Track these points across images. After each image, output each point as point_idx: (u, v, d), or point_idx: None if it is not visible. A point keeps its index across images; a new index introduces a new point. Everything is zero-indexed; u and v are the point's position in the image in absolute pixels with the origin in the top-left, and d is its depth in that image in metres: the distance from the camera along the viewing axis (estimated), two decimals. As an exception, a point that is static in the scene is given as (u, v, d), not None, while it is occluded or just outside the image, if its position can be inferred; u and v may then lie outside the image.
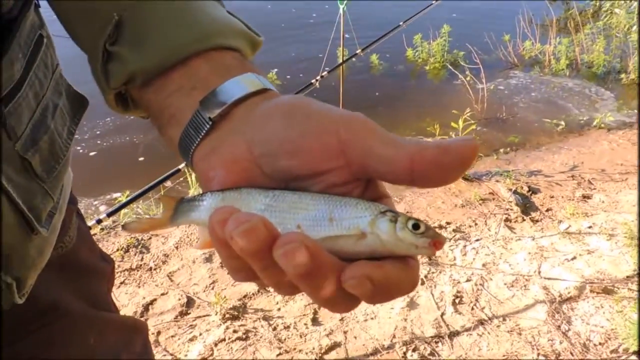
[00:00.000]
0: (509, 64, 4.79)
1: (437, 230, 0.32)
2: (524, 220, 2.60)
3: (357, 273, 0.29)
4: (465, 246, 2.38)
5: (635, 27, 4.92)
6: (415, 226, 0.30)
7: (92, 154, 3.36)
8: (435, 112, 3.81)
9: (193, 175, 2.62)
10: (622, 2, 5.58)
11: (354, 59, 2.19)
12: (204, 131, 0.37)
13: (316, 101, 0.36)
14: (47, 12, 0.52)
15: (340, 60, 1.96)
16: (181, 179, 2.70)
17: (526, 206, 2.74)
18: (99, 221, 1.49)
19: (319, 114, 0.35)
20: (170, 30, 0.40)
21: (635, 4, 5.32)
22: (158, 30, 0.40)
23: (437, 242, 0.30)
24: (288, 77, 4.42)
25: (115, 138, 3.52)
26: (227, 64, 0.40)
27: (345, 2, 1.79)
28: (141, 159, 3.30)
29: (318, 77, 1.86)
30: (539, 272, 2.18)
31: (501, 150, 3.45)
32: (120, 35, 0.41)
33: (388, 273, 0.30)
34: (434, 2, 2.26)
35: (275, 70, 4.36)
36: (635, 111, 3.97)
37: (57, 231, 0.60)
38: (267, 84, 0.39)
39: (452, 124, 2.98)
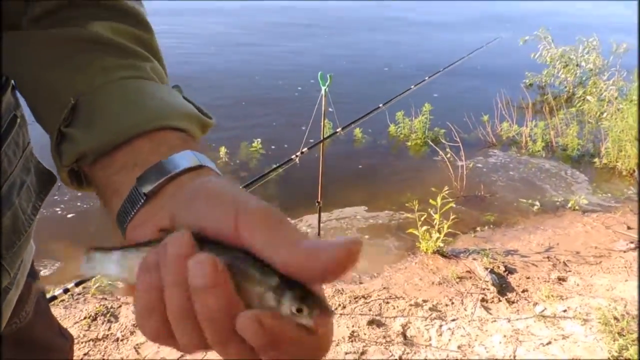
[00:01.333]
0: (487, 143, 4.96)
1: (325, 306, 0.31)
2: (500, 300, 2.59)
3: (249, 314, 0.30)
4: (441, 326, 2.35)
5: (605, 114, 5.17)
6: (299, 310, 0.30)
7: (69, 215, 3.33)
8: (415, 187, 3.88)
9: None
10: (594, 89, 5.90)
11: (336, 133, 2.26)
12: (139, 205, 0.39)
13: (232, 188, 0.36)
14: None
15: (322, 137, 2.02)
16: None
17: (502, 286, 2.75)
18: (66, 290, 1.46)
19: (229, 202, 0.34)
20: (119, 113, 0.42)
21: (606, 93, 5.63)
22: (108, 113, 0.43)
23: (319, 323, 0.30)
24: (272, 147, 4.50)
25: (95, 201, 3.50)
26: (170, 144, 0.42)
27: (327, 83, 1.87)
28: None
29: (298, 153, 1.90)
30: (514, 357, 2.14)
31: (478, 228, 3.50)
32: (75, 117, 0.44)
33: (284, 326, 0.30)
34: (412, 87, 2.38)
35: (260, 139, 4.45)
36: (609, 195, 4.09)
37: (12, 306, 0.60)
38: (203, 161, 0.41)
39: (431, 200, 3.04)
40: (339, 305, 2.48)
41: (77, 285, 1.55)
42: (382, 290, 2.66)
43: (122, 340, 2.16)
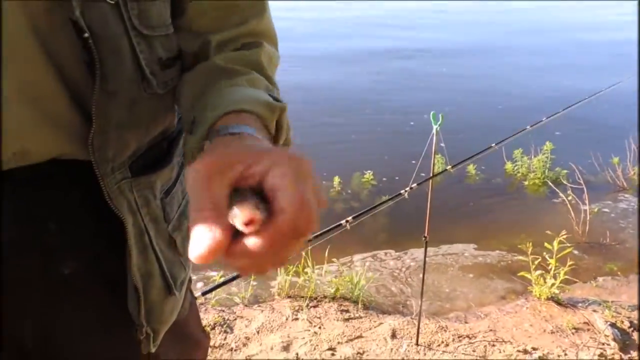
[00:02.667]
0: (617, 187, 4.59)
1: None
2: (621, 358, 2.39)
3: None
4: (551, 377, 2.23)
5: None
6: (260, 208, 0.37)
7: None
8: (530, 228, 3.72)
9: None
10: None
11: (446, 170, 2.29)
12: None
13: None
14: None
15: (431, 174, 2.08)
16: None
17: (625, 343, 2.52)
18: (194, 298, 1.67)
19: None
20: (217, 108, 0.54)
21: None
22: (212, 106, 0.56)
23: (252, 219, 0.36)
24: (384, 179, 4.60)
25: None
26: (234, 120, 0.51)
27: (439, 123, 1.93)
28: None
29: (407, 189, 1.98)
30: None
31: (600, 278, 3.25)
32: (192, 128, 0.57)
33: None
34: (528, 127, 2.34)
35: (371, 171, 4.57)
36: None
37: (183, 298, 0.76)
38: (246, 130, 0.49)
39: (546, 244, 2.90)
40: (442, 342, 2.46)
41: (203, 294, 1.75)
42: (488, 332, 2.59)
43: (235, 350, 2.35)
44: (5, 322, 0.60)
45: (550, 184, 4.49)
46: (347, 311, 2.72)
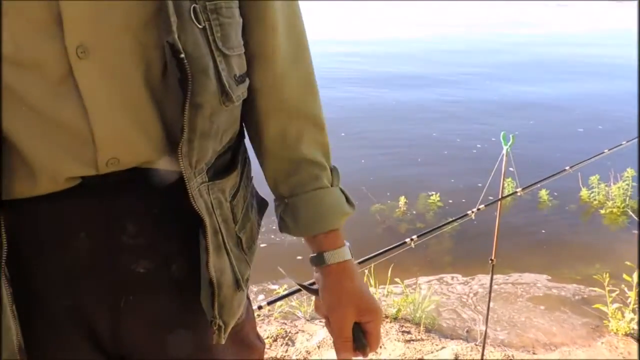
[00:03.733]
0: None
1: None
2: None
3: None
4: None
5: None
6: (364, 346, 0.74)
7: (262, 245, 3.80)
8: (607, 259, 3.51)
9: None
10: None
11: (516, 193, 2.24)
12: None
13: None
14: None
15: (500, 196, 2.04)
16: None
17: None
18: (260, 307, 1.72)
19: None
20: (308, 219, 0.78)
21: None
22: (304, 217, 0.79)
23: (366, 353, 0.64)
24: (450, 201, 4.52)
25: (284, 237, 3.93)
26: (329, 240, 0.79)
27: (510, 143, 1.90)
28: (299, 257, 3.62)
29: (475, 209, 1.95)
30: None
31: (688, 316, 3.00)
32: (285, 212, 0.81)
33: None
34: (606, 151, 2.24)
35: (438, 193, 4.51)
36: None
37: (246, 295, 0.82)
38: (344, 257, 0.79)
39: (625, 276, 2.74)
40: (507, 371, 2.37)
41: (268, 304, 1.81)
42: (558, 365, 2.47)
43: (296, 363, 2.39)
44: (82, 316, 0.67)
45: (630, 213, 4.23)
46: (408, 332, 2.68)
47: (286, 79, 0.76)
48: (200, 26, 0.60)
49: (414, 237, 1.90)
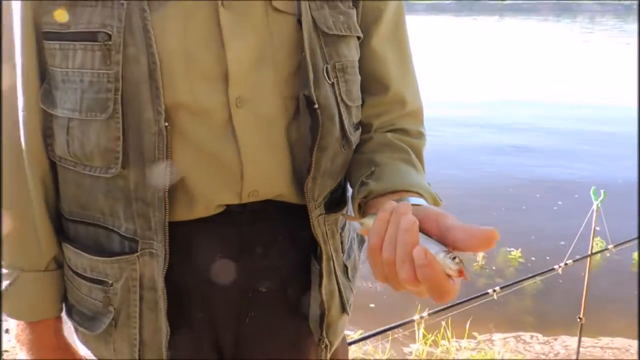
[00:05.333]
0: None
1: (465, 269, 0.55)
2: None
3: (421, 247, 0.53)
4: None
5: None
6: (454, 258, 0.54)
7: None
8: None
9: (420, 329, 2.78)
10: None
11: (607, 253, 2.17)
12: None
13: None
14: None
15: (589, 251, 1.99)
16: (407, 332, 2.88)
17: None
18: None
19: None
20: (393, 177, 0.73)
21: None
22: (387, 177, 0.73)
23: (461, 270, 0.54)
24: (533, 258, 4.36)
25: (359, 283, 3.97)
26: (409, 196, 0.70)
27: (601, 199, 1.88)
28: (372, 305, 3.64)
29: (562, 264, 1.92)
30: None
31: None
32: (370, 176, 0.74)
33: (436, 263, 0.53)
34: None
35: (520, 249, 4.37)
36: None
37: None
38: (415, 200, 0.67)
39: None
40: None
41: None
42: None
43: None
44: (212, 326, 0.78)
45: None
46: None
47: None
48: (329, 82, 0.72)
49: (497, 288, 1.89)
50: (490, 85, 12.42)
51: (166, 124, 0.64)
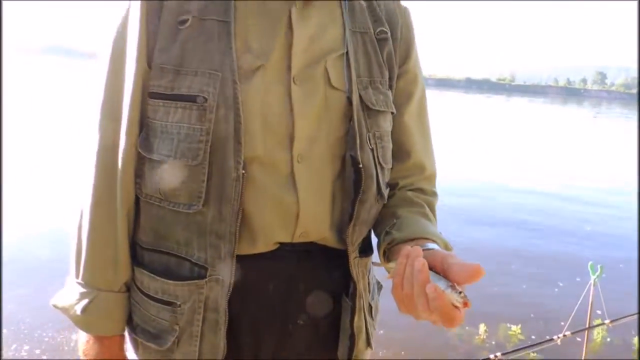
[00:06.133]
0: None
1: (467, 301, 0.68)
2: None
3: (432, 284, 0.68)
4: None
5: None
6: (459, 292, 0.67)
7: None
8: None
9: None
10: None
11: (608, 337, 2.24)
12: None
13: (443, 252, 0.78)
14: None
15: (587, 325, 2.09)
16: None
17: None
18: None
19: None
20: (412, 228, 0.88)
21: None
22: (407, 227, 0.88)
23: (465, 302, 0.67)
24: (533, 337, 4.38)
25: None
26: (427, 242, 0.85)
27: (597, 274, 2.00)
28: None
29: (560, 335, 2.01)
30: None
31: None
32: (393, 227, 0.90)
33: (445, 296, 0.68)
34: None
35: (519, 325, 4.40)
36: None
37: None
38: (433, 246, 0.82)
39: None
40: None
41: None
42: None
43: None
44: (256, 350, 0.90)
45: None
46: None
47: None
48: (370, 147, 0.89)
49: (498, 354, 1.98)
50: (494, 165, 12.72)
51: (242, 172, 0.80)
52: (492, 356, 1.98)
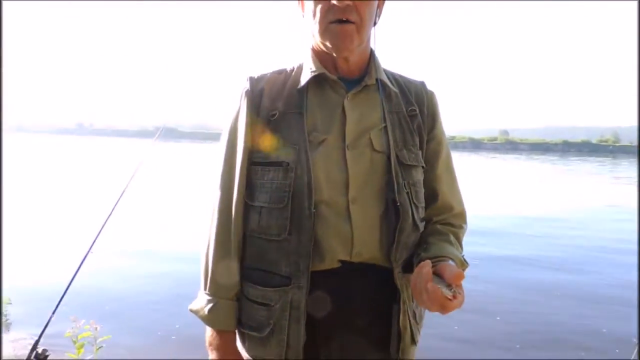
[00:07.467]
0: None
1: (459, 293, 1.05)
2: None
3: (432, 282, 1.05)
4: None
5: None
6: (451, 289, 1.04)
7: None
8: None
9: None
10: None
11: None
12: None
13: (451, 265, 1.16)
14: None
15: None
16: None
17: None
18: None
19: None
20: (436, 250, 1.23)
21: None
22: (434, 250, 1.23)
23: (455, 295, 1.04)
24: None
25: None
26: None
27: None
28: None
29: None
30: None
31: None
32: (423, 250, 1.25)
33: (440, 290, 1.03)
34: None
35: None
36: None
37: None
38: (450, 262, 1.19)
39: None
40: None
41: None
42: None
43: None
44: (326, 352, 1.20)
45: None
46: None
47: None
48: (406, 191, 1.24)
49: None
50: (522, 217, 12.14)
51: (314, 210, 1.17)
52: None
